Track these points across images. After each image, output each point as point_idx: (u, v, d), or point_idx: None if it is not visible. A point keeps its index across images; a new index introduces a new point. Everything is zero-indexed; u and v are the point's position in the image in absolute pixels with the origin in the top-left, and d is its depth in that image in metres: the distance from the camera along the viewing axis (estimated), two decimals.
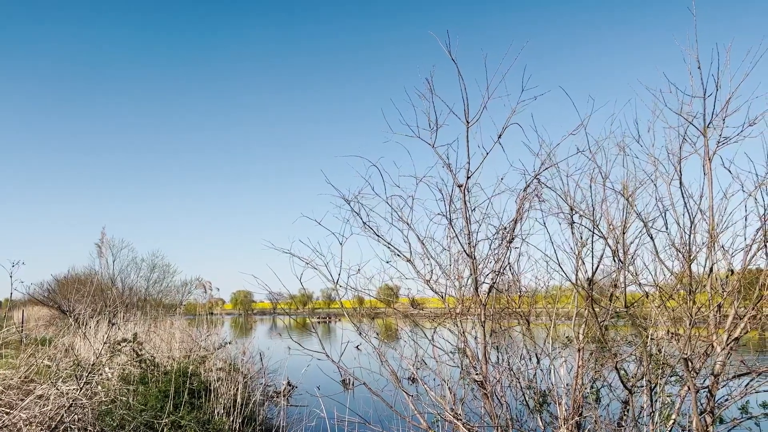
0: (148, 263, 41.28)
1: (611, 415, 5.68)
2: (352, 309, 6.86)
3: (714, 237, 4.78)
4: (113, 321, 12.00)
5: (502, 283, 6.08)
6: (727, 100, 4.80)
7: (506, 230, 5.73)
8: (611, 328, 5.88)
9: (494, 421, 5.34)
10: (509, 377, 5.80)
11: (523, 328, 6.11)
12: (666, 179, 5.17)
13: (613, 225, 5.09)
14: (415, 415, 5.82)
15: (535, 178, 5.53)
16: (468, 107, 5.41)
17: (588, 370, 5.52)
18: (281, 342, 6.29)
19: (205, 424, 7.89)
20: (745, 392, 4.94)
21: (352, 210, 6.00)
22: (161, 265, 41.79)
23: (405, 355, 6.18)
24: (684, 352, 4.63)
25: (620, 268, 5.09)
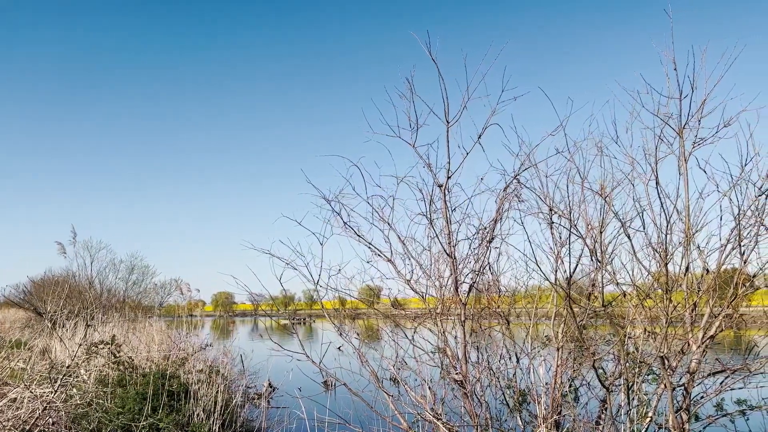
0: (126, 265, 40.79)
1: (590, 413, 5.72)
2: (333, 310, 6.82)
3: (690, 237, 4.85)
4: (90, 323, 11.81)
5: (482, 282, 6.10)
6: (702, 102, 4.87)
7: (486, 230, 5.75)
8: (590, 327, 5.93)
9: (474, 420, 5.35)
10: (489, 377, 5.81)
11: (503, 328, 6.13)
12: (643, 180, 5.23)
13: (592, 225, 5.13)
14: (396, 416, 5.81)
15: (514, 178, 5.56)
16: (448, 107, 5.42)
17: (567, 369, 5.55)
18: (262, 343, 6.24)
19: (184, 427, 7.80)
20: (720, 390, 5.01)
21: (332, 210, 5.99)
22: (140, 267, 41.31)
23: (386, 356, 6.17)
24: (660, 350, 4.68)
25: (598, 268, 5.13)
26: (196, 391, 8.79)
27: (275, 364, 8.63)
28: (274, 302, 8.30)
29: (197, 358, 10.70)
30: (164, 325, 15.85)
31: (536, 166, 5.48)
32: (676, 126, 4.95)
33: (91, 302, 16.58)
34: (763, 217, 4.67)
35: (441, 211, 5.76)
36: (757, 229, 4.69)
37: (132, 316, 17.16)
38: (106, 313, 16.64)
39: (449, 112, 5.42)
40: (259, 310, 7.35)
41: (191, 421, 8.00)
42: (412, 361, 6.08)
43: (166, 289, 38.25)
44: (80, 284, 29.39)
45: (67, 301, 16.94)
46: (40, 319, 24.27)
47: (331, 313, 6.65)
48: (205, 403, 8.57)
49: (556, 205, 5.31)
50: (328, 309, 6.55)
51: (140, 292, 38.55)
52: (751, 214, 4.80)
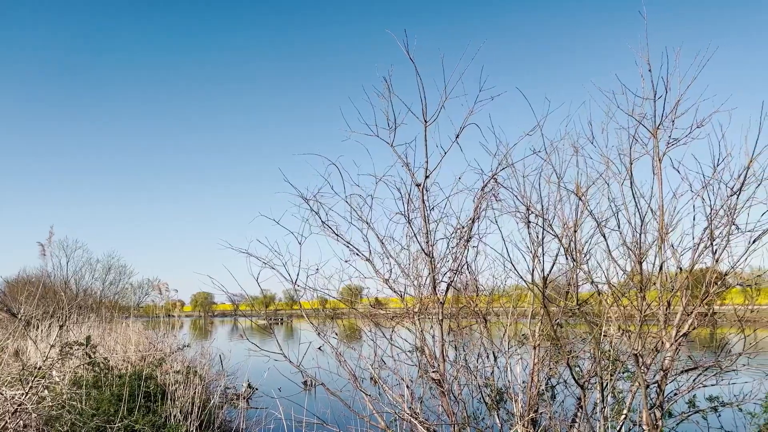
0: (103, 264, 40.28)
1: (566, 411, 5.77)
2: (312, 310, 6.79)
3: (663, 236, 4.91)
4: (64, 324, 11.61)
5: (460, 282, 6.12)
6: (676, 102, 4.93)
7: (464, 229, 5.77)
8: (566, 325, 5.98)
9: (451, 418, 5.36)
10: (466, 375, 5.83)
11: (481, 327, 6.15)
12: (619, 179, 5.28)
13: (567, 224, 5.17)
14: (374, 415, 5.80)
15: (492, 178, 5.58)
16: (426, 107, 5.42)
17: (543, 368, 5.59)
18: (241, 344, 6.19)
19: (161, 428, 7.71)
20: (693, 387, 5.09)
21: (311, 209, 5.95)
22: (117, 267, 40.84)
23: (366, 355, 6.16)
24: (634, 348, 4.73)
25: (574, 267, 5.18)
26: (174, 392, 8.69)
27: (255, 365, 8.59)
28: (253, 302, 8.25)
29: (175, 359, 10.59)
30: (142, 326, 15.66)
31: (513, 166, 5.51)
32: (651, 126, 5.00)
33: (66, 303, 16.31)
34: (734, 217, 4.75)
35: (419, 211, 5.76)
36: (728, 229, 4.76)
37: (108, 316, 16.90)
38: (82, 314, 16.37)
39: (427, 112, 5.43)
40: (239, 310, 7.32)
41: (168, 423, 7.91)
42: (391, 361, 6.08)
43: (144, 290, 37.88)
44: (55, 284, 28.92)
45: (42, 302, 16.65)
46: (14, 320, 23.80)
47: (309, 313, 6.62)
48: (182, 404, 8.47)
49: (533, 205, 5.34)
50: (307, 309, 6.52)
51: (117, 293, 38.12)
52: (723, 214, 4.88)
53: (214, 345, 16.47)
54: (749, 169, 4.64)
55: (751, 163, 4.62)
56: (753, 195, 4.76)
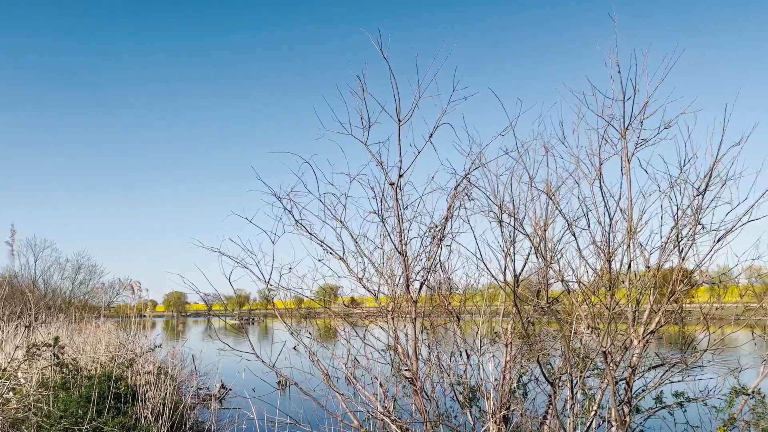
0: (73, 264, 39.50)
1: (537, 408, 5.83)
2: (285, 309, 6.76)
3: (632, 235, 4.99)
4: (31, 324, 11.36)
5: (434, 280, 6.14)
6: (644, 104, 5.02)
7: (437, 228, 5.79)
8: (537, 323, 6.05)
9: (423, 416, 5.38)
10: (439, 373, 5.86)
11: (454, 325, 6.19)
12: (589, 179, 5.36)
13: (538, 224, 5.23)
14: (347, 414, 5.80)
15: (465, 177, 5.61)
16: (400, 106, 5.43)
17: (515, 365, 5.65)
18: (215, 344, 6.11)
19: (131, 430, 7.59)
20: (660, 383, 5.19)
21: (284, 208, 5.92)
22: (87, 266, 40.08)
23: (340, 355, 6.15)
24: (603, 345, 4.81)
25: (544, 266, 5.24)
26: (145, 393, 8.56)
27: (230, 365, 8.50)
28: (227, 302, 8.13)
29: (146, 360, 10.44)
30: (113, 326, 15.40)
31: (486, 166, 5.56)
32: (620, 127, 5.08)
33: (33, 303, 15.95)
34: (700, 217, 4.85)
35: (393, 210, 5.77)
36: (694, 228, 4.87)
37: (78, 316, 16.57)
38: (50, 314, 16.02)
39: (401, 111, 5.43)
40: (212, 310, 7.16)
41: (138, 424, 7.79)
42: (365, 360, 6.08)
43: (115, 289, 37.27)
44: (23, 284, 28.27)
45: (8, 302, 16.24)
46: None
47: (283, 312, 6.58)
48: (153, 405, 8.35)
49: (505, 205, 5.39)
50: (280, 309, 6.48)
51: (88, 292, 37.39)
52: (689, 213, 4.98)
53: (187, 345, 16.28)
54: (714, 169, 4.75)
55: (716, 163, 4.72)
56: (718, 195, 4.86)
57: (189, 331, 35.10)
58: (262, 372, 6.02)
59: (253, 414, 6.14)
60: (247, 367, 6.00)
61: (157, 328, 42.22)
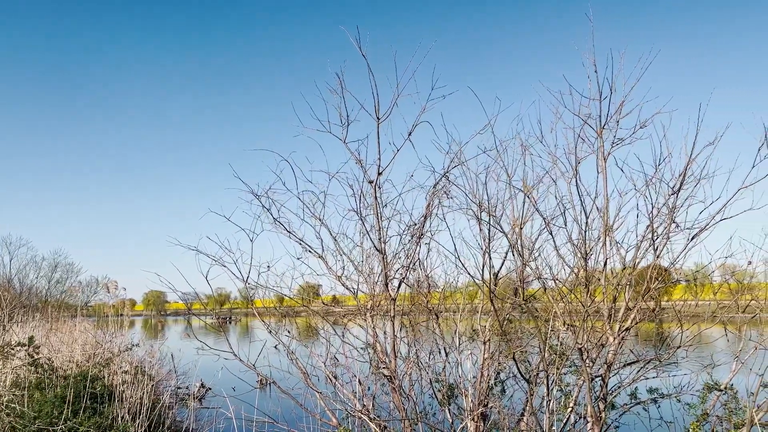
0: (49, 262, 38.91)
1: (516, 405, 5.87)
2: (264, 308, 6.71)
3: (607, 233, 5.04)
4: (4, 324, 11.15)
5: (413, 278, 6.14)
6: (620, 103, 5.07)
7: (416, 226, 5.80)
8: (516, 321, 6.08)
9: (401, 414, 5.39)
10: (417, 371, 5.87)
11: (433, 323, 6.20)
12: (567, 178, 5.40)
13: (516, 222, 5.26)
14: (326, 412, 5.78)
15: (443, 176, 5.62)
16: (378, 104, 5.42)
17: (493, 363, 5.67)
18: (195, 343, 6.05)
19: (107, 430, 7.49)
20: (635, 379, 5.25)
21: (262, 206, 5.87)
22: (64, 265, 39.51)
23: (320, 353, 6.13)
24: (579, 342, 4.85)
25: (521, 264, 5.27)
26: (122, 392, 8.45)
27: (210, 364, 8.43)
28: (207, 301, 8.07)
29: (124, 359, 10.30)
30: (90, 325, 15.18)
31: (464, 164, 5.57)
32: (596, 126, 5.13)
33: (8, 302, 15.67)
34: (674, 215, 4.91)
35: (372, 208, 5.76)
36: (668, 226, 4.92)
37: (55, 316, 16.32)
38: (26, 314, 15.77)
39: (379, 109, 5.42)
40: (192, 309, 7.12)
41: (115, 424, 7.69)
42: (344, 358, 6.07)
43: (92, 288, 36.76)
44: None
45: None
46: None
47: (261, 311, 6.54)
48: (130, 405, 8.25)
49: (484, 203, 5.41)
50: (258, 307, 6.44)
51: (64, 291, 36.84)
52: (666, 212, 5.04)
53: (167, 344, 16.10)
54: (688, 168, 4.81)
55: (690, 163, 4.79)
56: (692, 194, 4.93)
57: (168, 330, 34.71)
58: (240, 371, 5.97)
59: (231, 413, 6.09)
60: (225, 366, 5.95)
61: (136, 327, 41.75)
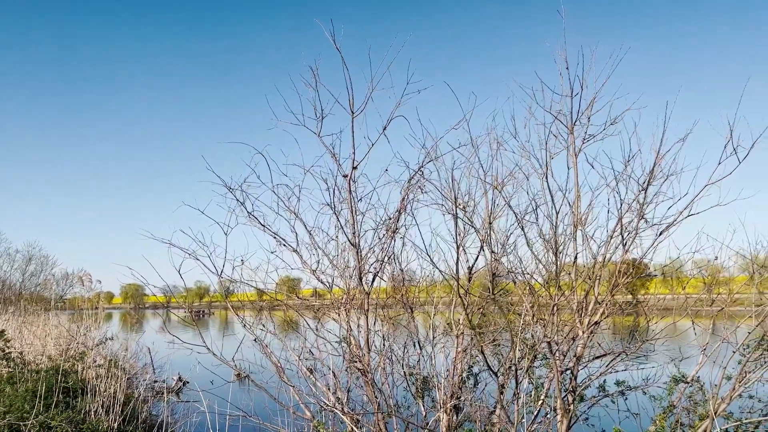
0: (23, 254, 38.32)
1: (490, 398, 5.93)
2: (239, 302, 6.69)
3: (578, 228, 5.11)
4: None
5: (388, 272, 6.17)
6: (591, 100, 5.13)
7: (390, 221, 5.81)
8: (489, 315, 6.14)
9: (374, 407, 5.42)
10: (390, 365, 5.90)
11: (408, 317, 6.24)
12: (539, 174, 5.45)
13: (486, 217, 5.30)
14: (300, 406, 5.80)
15: (418, 170, 5.64)
16: (353, 98, 5.41)
17: (466, 356, 5.73)
18: (172, 336, 6.01)
19: (79, 424, 7.43)
20: (603, 372, 5.34)
21: (236, 199, 5.84)
22: (39, 257, 38.95)
23: (296, 347, 6.13)
24: (548, 336, 4.92)
25: (492, 258, 5.32)
26: (96, 386, 8.38)
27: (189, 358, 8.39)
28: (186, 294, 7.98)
29: (98, 353, 10.20)
30: (65, 319, 14.99)
31: (438, 159, 5.59)
32: (568, 123, 5.18)
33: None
34: (643, 211, 4.99)
35: (346, 202, 5.76)
36: (637, 222, 5.00)
37: (29, 309, 16.07)
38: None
39: (354, 103, 5.42)
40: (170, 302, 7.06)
41: (87, 418, 7.63)
42: (318, 352, 6.08)
43: (68, 281, 36.26)
44: None
45: None
46: None
47: (236, 305, 6.51)
48: (104, 399, 8.18)
49: (460, 197, 5.44)
50: (233, 301, 6.42)
51: (39, 284, 36.32)
52: (636, 207, 5.11)
53: (144, 338, 15.99)
54: (656, 165, 4.89)
55: (658, 159, 4.86)
56: (661, 190, 5.01)
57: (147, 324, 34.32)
58: (213, 365, 5.95)
59: (204, 407, 6.08)
60: (200, 360, 5.93)
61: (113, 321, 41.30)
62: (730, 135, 4.66)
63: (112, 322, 36.97)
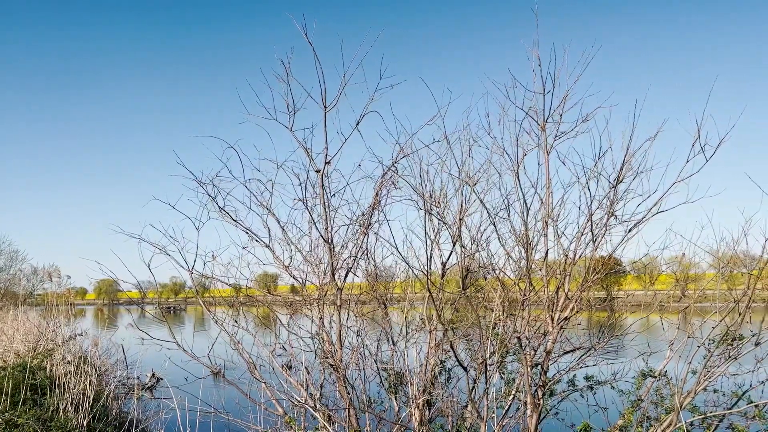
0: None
1: (460, 393, 5.96)
2: (211, 297, 6.62)
3: (549, 224, 5.14)
4: None
5: (362, 268, 6.15)
6: (563, 97, 5.16)
7: (364, 216, 5.79)
8: (462, 310, 6.16)
9: (346, 403, 5.41)
10: (363, 360, 5.89)
11: (381, 312, 6.23)
12: (512, 170, 5.47)
13: (458, 214, 5.31)
14: (272, 402, 5.76)
15: (392, 166, 5.62)
16: (325, 92, 5.38)
17: (438, 351, 5.74)
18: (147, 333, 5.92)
19: (47, 422, 7.29)
20: (573, 367, 5.40)
21: (207, 194, 5.77)
22: (8, 252, 38.18)
23: (270, 343, 6.09)
24: (518, 331, 4.95)
25: (463, 254, 5.33)
26: (65, 383, 8.22)
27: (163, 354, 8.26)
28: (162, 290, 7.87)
29: (68, 349, 10.02)
30: (35, 315, 14.68)
31: (413, 155, 5.59)
32: (540, 120, 5.21)
33: None
34: (613, 208, 5.04)
35: (319, 197, 5.73)
36: (607, 218, 5.05)
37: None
38: None
39: (326, 97, 5.38)
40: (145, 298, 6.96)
41: (55, 416, 7.49)
42: (290, 348, 6.05)
43: (39, 276, 35.55)
44: None
45: None
46: None
47: (209, 300, 6.45)
48: (73, 396, 8.03)
49: (430, 194, 5.44)
50: (204, 297, 6.35)
51: (9, 279, 35.57)
52: (607, 204, 5.16)
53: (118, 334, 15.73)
54: (626, 162, 4.94)
55: (628, 156, 4.92)
56: (630, 187, 5.07)
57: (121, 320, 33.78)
58: (186, 361, 5.88)
59: (175, 404, 6.00)
60: (169, 357, 5.85)
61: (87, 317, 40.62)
62: (698, 134, 4.72)
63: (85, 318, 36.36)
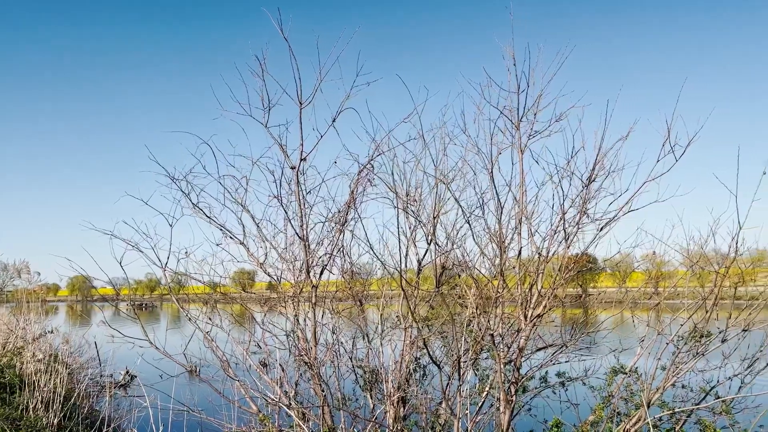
0: None
1: (435, 390, 5.98)
2: (185, 294, 6.55)
3: (522, 223, 5.19)
4: None
5: (337, 265, 6.13)
6: (538, 96, 5.20)
7: (339, 213, 5.78)
8: (437, 307, 6.19)
9: (321, 400, 5.41)
10: (338, 358, 5.89)
11: (356, 309, 6.23)
12: (487, 169, 5.50)
13: (432, 212, 5.33)
14: (245, 400, 5.73)
15: (368, 164, 5.61)
16: (301, 89, 5.35)
17: (412, 348, 5.76)
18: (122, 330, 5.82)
19: (16, 421, 7.15)
20: (545, 363, 5.46)
21: (180, 190, 5.70)
22: None
23: (245, 340, 6.05)
24: (491, 328, 4.99)
25: (437, 252, 5.35)
26: (35, 381, 8.07)
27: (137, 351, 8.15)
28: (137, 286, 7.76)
29: (38, 347, 9.83)
30: (5, 312, 14.39)
31: (388, 153, 5.58)
32: (514, 119, 5.24)
33: None
34: (585, 206, 5.10)
35: (295, 194, 5.69)
36: (579, 217, 5.11)
37: None
38: None
39: (302, 94, 5.35)
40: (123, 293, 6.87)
41: (25, 415, 7.35)
42: (264, 345, 6.01)
43: (7, 273, 34.83)
44: None
45: None
46: None
47: (182, 298, 6.38)
48: (43, 395, 7.89)
49: (404, 192, 5.45)
50: (178, 294, 6.28)
51: None
52: (579, 203, 5.22)
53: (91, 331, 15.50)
54: (598, 162, 5.00)
55: (600, 156, 4.98)
56: (602, 186, 5.13)
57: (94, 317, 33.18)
58: (160, 359, 5.81)
59: (148, 402, 5.93)
60: (142, 354, 5.77)
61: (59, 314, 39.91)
62: (668, 134, 4.80)
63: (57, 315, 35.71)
